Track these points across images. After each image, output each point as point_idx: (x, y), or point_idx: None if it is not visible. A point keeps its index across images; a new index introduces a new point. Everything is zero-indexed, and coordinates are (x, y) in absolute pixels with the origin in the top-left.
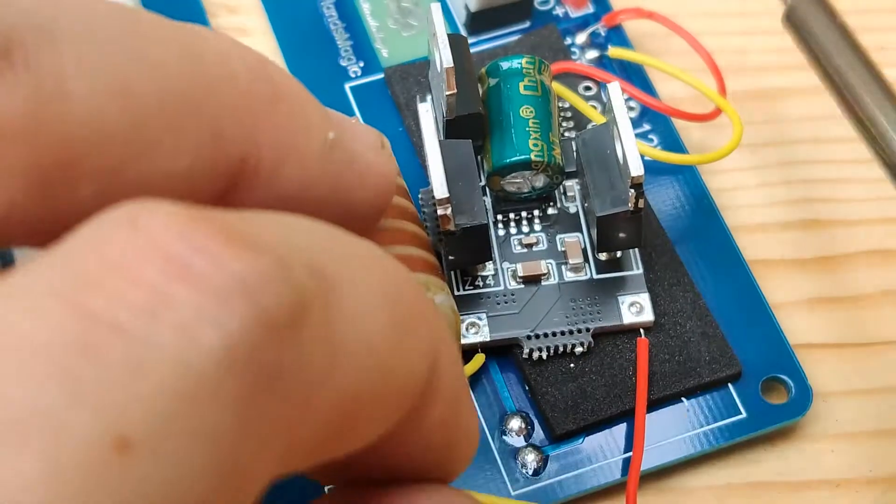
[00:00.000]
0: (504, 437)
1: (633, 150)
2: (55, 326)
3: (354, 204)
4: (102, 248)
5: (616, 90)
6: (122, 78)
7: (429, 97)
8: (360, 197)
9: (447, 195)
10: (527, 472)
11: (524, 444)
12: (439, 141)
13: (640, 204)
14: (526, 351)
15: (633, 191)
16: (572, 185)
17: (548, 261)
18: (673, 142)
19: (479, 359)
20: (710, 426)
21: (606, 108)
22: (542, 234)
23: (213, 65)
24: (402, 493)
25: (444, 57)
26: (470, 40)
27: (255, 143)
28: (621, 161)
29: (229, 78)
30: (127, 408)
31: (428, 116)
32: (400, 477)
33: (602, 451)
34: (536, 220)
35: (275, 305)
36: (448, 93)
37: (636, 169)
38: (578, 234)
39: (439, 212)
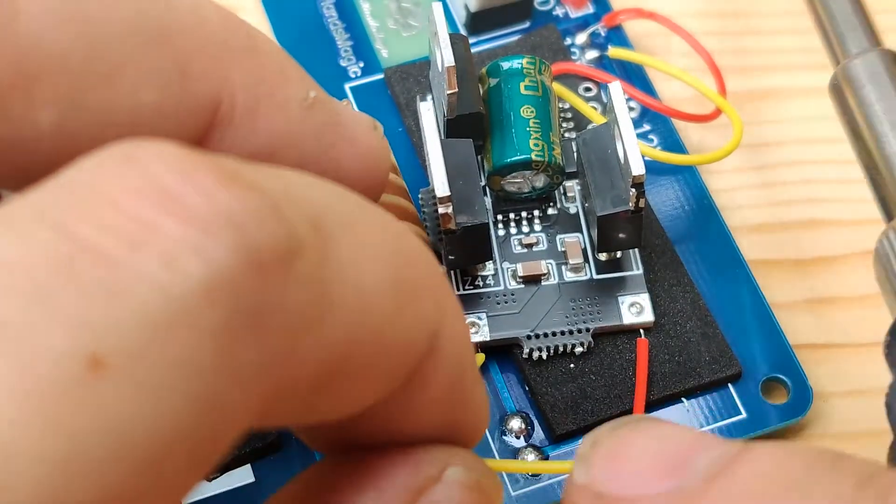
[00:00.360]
0: (504, 438)
1: (634, 150)
2: (36, 246)
3: (344, 175)
4: (95, 179)
5: (617, 90)
6: (79, 2)
7: (429, 97)
8: (349, 167)
9: (448, 193)
10: (526, 473)
11: (524, 444)
12: (440, 140)
13: (641, 203)
14: (526, 351)
15: (634, 190)
16: (572, 185)
17: (548, 261)
18: (673, 142)
19: (479, 358)
20: (710, 427)
21: (607, 108)
22: (543, 235)
23: (183, 8)
24: (398, 454)
25: (445, 56)
26: (470, 40)
27: (227, 85)
28: (622, 160)
29: (199, 21)
30: (102, 328)
31: (429, 115)
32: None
33: None
34: (536, 221)
35: (262, 242)
36: (449, 92)
37: (637, 168)
38: (578, 235)
39: (440, 210)
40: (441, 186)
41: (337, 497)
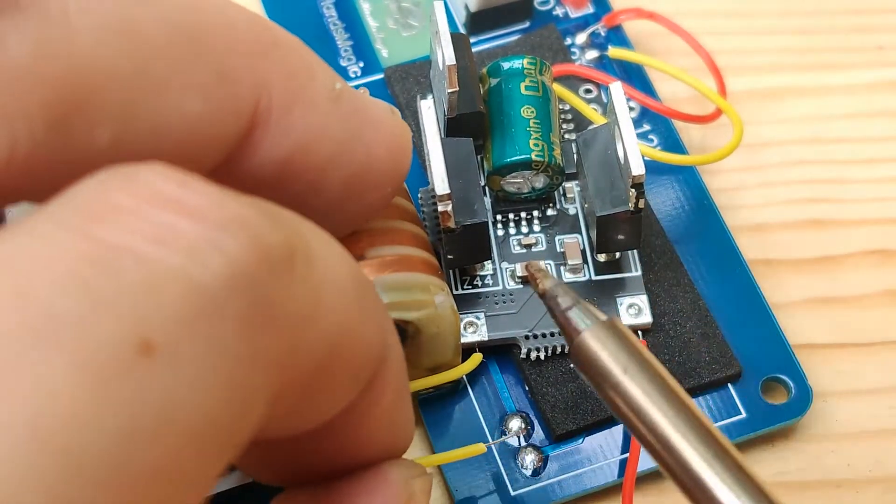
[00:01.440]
0: (504, 438)
1: (634, 150)
2: (70, 248)
3: (374, 160)
4: (105, 193)
5: (618, 90)
6: (126, 15)
7: (429, 96)
8: (377, 153)
9: (448, 191)
10: (526, 472)
11: (524, 444)
12: (440, 138)
13: (641, 204)
14: (524, 351)
15: (633, 190)
16: (572, 186)
17: (547, 261)
18: (673, 142)
19: (476, 358)
20: None
21: (608, 108)
22: (542, 235)
23: (211, 11)
24: (360, 476)
25: (446, 54)
26: (470, 40)
27: (263, 84)
28: (622, 161)
29: (230, 24)
30: (147, 315)
31: (430, 113)
32: (345, 468)
33: (602, 452)
34: (536, 221)
35: (271, 241)
36: (450, 90)
37: (637, 168)
38: (577, 236)
39: (440, 208)
40: (441, 184)
41: None
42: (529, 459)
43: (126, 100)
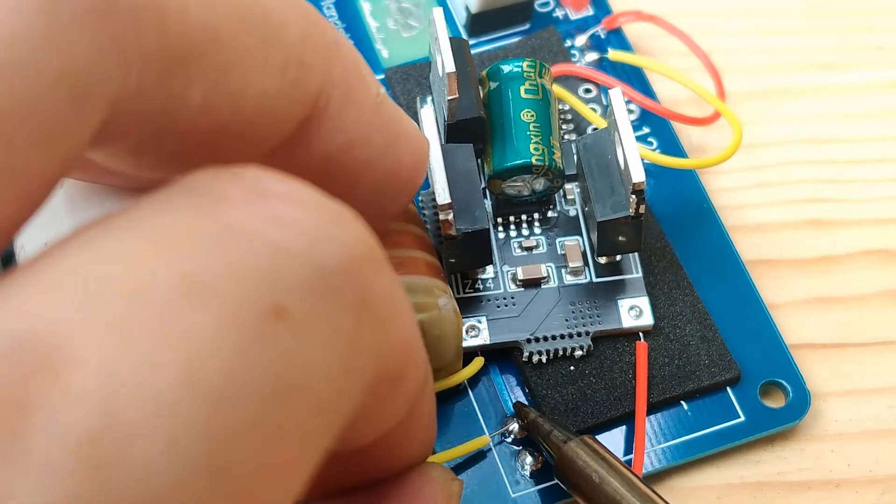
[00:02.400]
0: (504, 439)
1: (634, 157)
2: (204, 224)
3: (403, 168)
4: (220, 185)
5: (618, 96)
6: None
7: (429, 98)
8: (407, 162)
9: (449, 201)
10: (526, 474)
11: (524, 446)
12: (441, 145)
13: (642, 210)
14: (525, 354)
15: (634, 197)
16: (572, 188)
17: (547, 264)
18: (672, 143)
19: (478, 362)
20: (709, 430)
21: (608, 114)
22: (542, 238)
23: (289, 2)
24: (402, 479)
25: (446, 62)
26: (470, 42)
27: (327, 79)
28: (622, 167)
29: (303, 15)
30: (279, 286)
31: (430, 121)
32: (378, 477)
33: None
34: (536, 224)
35: (371, 239)
36: (450, 98)
37: (638, 175)
38: (578, 238)
39: (441, 217)
40: (442, 193)
41: None
42: (529, 461)
43: (220, 66)
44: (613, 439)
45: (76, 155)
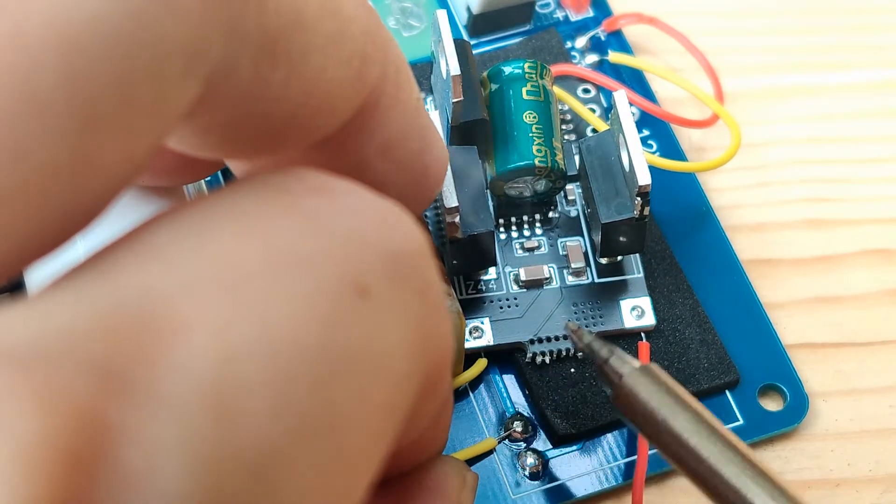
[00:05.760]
0: (505, 441)
1: (640, 159)
2: (279, 210)
3: (425, 178)
4: (290, 181)
5: (622, 99)
6: None
7: (429, 99)
8: (428, 171)
9: (457, 204)
10: (527, 476)
11: (525, 447)
12: (448, 148)
13: (646, 212)
14: (529, 355)
15: (639, 199)
16: (573, 188)
17: (549, 265)
18: (671, 145)
19: (481, 363)
20: None
21: (612, 116)
22: (544, 238)
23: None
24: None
25: (451, 64)
26: (471, 42)
27: (384, 73)
28: (627, 169)
29: (366, 11)
30: (361, 266)
31: (436, 123)
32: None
33: (602, 456)
34: (537, 225)
35: (423, 233)
36: (454, 100)
37: (644, 178)
38: (580, 238)
39: (447, 219)
40: (450, 196)
41: None
42: (530, 463)
43: (302, 51)
44: (613, 442)
45: (174, 127)
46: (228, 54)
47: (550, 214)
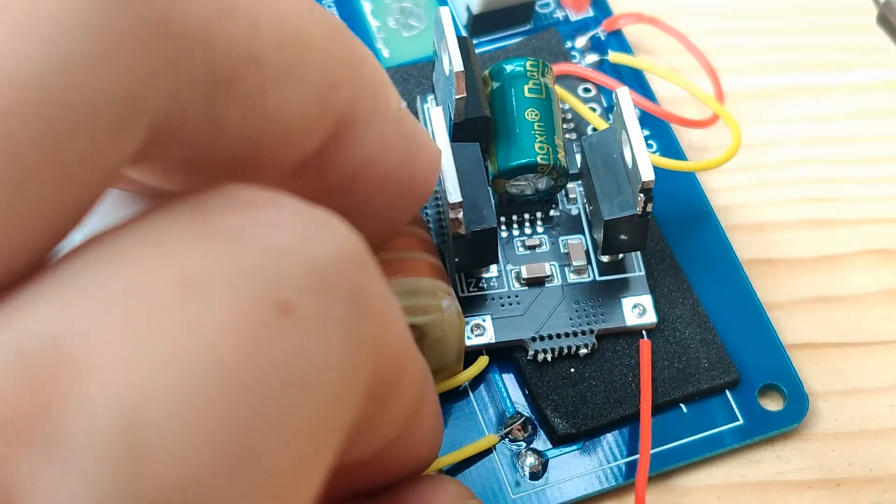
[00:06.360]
0: (504, 440)
1: (643, 156)
2: (192, 233)
3: (415, 184)
4: (206, 201)
5: (625, 95)
6: (274, 10)
7: (430, 97)
8: (419, 177)
9: (460, 199)
10: (527, 476)
11: (524, 447)
12: (450, 144)
13: (649, 208)
14: (531, 353)
15: (642, 195)
16: (574, 186)
17: (551, 263)
18: (671, 143)
19: (483, 361)
20: (708, 433)
21: (615, 114)
22: (545, 236)
23: (318, 17)
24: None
25: (454, 61)
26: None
27: (355, 95)
28: (630, 166)
29: (334, 30)
30: (279, 281)
31: (439, 120)
32: (382, 484)
33: (602, 456)
34: (539, 222)
35: (358, 239)
36: (458, 97)
37: (647, 174)
38: (581, 236)
39: (451, 215)
40: (453, 192)
41: None
42: (530, 463)
43: (258, 87)
44: (614, 441)
45: (115, 175)
46: (175, 99)
47: (552, 212)
